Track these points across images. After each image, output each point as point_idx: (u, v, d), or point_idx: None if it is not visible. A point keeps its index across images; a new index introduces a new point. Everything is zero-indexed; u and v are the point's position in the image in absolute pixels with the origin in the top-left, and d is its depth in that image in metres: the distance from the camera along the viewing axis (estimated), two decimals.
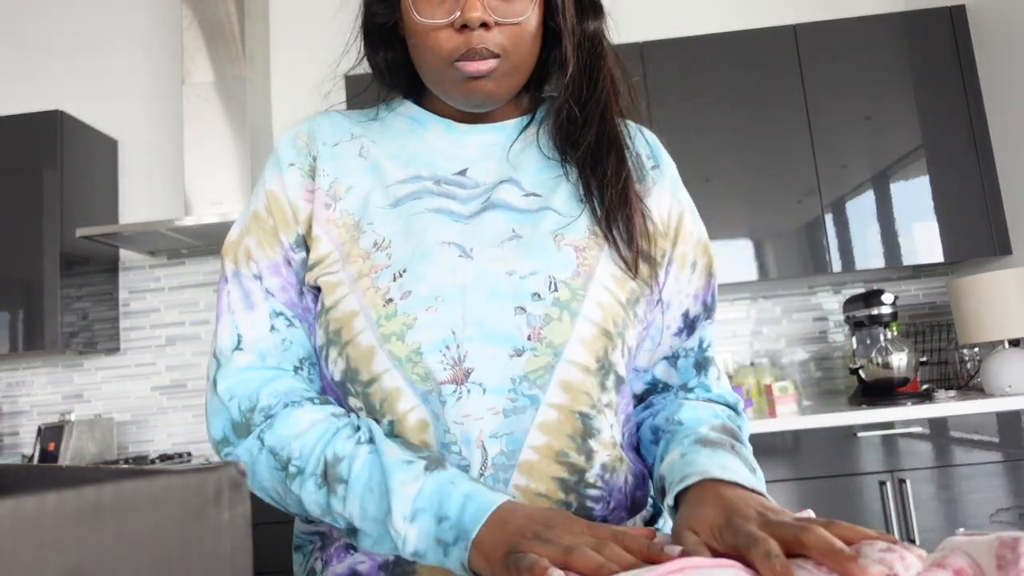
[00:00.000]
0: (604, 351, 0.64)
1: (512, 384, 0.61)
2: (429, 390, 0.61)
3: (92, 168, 2.81)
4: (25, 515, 0.21)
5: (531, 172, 0.70)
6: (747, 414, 2.30)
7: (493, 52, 0.64)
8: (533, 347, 0.61)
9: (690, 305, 0.73)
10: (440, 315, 0.61)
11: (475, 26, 0.62)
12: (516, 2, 0.65)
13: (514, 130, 0.73)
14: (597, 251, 0.66)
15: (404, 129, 0.73)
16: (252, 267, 0.68)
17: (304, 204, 0.69)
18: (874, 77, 2.54)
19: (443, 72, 0.66)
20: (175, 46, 2.94)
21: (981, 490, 2.06)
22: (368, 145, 0.71)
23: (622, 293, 0.66)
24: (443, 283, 0.63)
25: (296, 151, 0.71)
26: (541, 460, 0.61)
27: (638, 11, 2.93)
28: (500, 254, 0.64)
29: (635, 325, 0.68)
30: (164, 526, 0.24)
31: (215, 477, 0.26)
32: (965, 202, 2.47)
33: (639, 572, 0.41)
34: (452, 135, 0.72)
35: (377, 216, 0.67)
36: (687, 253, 0.73)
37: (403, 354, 0.61)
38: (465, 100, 0.68)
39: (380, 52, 0.73)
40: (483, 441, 0.60)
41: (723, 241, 2.54)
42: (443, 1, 0.64)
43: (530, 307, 0.62)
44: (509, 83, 0.68)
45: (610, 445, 0.64)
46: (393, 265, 0.64)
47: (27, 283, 2.56)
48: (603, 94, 0.70)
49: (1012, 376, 2.14)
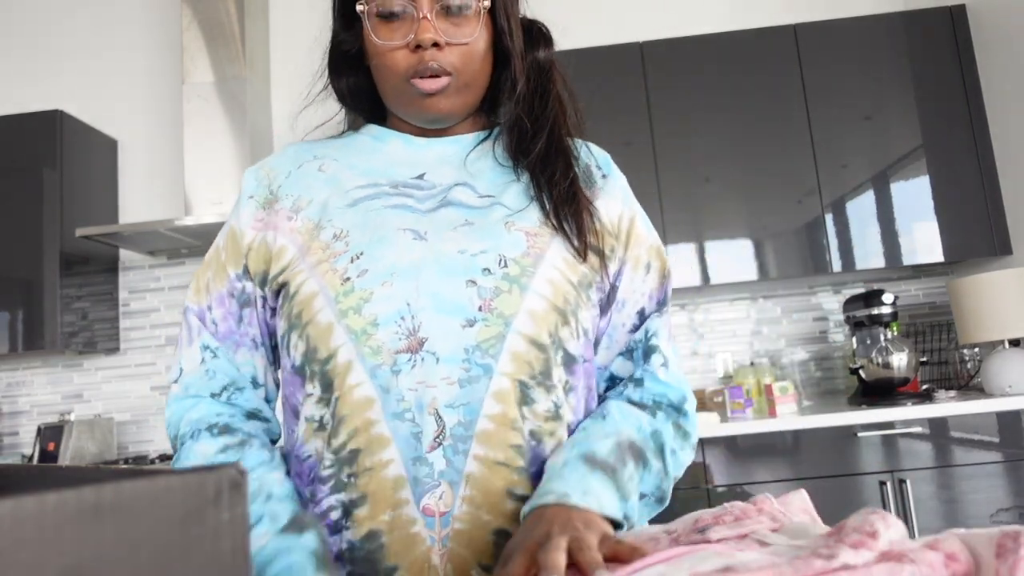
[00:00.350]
0: (555, 326, 0.68)
1: (465, 354, 0.64)
2: (379, 364, 0.64)
3: (92, 168, 2.81)
4: (25, 515, 0.21)
5: (486, 178, 0.75)
6: (747, 414, 2.30)
7: (445, 70, 0.70)
8: (484, 317, 0.65)
9: (645, 303, 0.77)
10: (395, 289, 0.66)
11: (427, 46, 0.69)
12: (465, 25, 0.71)
13: (471, 142, 0.79)
14: (548, 238, 0.71)
15: (365, 146, 0.79)
16: (204, 299, 0.77)
17: (250, 232, 0.75)
18: (874, 77, 2.54)
19: (401, 89, 0.72)
20: (175, 46, 2.94)
21: (981, 490, 2.06)
22: (329, 162, 0.77)
23: (573, 275, 0.70)
24: (398, 261, 0.67)
25: (257, 183, 0.78)
26: (497, 429, 0.64)
27: (638, 11, 2.93)
28: (453, 236, 0.69)
29: (588, 307, 0.72)
30: (164, 526, 0.24)
31: (215, 477, 0.26)
32: (965, 202, 2.47)
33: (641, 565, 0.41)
34: (411, 147, 0.77)
35: (336, 214, 0.72)
36: (640, 256, 0.77)
37: (359, 327, 0.65)
38: (422, 115, 0.74)
39: (344, 78, 0.80)
40: (437, 410, 0.63)
41: (723, 241, 2.54)
42: (399, 27, 0.71)
43: (480, 280, 0.66)
44: (462, 100, 0.74)
45: (543, 417, 0.66)
46: (351, 250, 0.69)
47: (27, 283, 2.56)
48: (552, 112, 0.76)
49: (1012, 376, 2.14)
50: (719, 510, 0.52)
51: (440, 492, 0.62)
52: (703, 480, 2.14)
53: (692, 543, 0.48)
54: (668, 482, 0.71)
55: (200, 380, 0.75)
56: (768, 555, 0.40)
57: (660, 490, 0.70)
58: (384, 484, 0.63)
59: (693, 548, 0.42)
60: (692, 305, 2.85)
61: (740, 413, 2.31)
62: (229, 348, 0.75)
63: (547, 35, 0.79)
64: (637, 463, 0.66)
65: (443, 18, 0.70)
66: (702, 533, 0.48)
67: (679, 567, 0.39)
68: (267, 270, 0.73)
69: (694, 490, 2.14)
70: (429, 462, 0.63)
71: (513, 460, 0.64)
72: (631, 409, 0.71)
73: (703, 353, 2.82)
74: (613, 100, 2.58)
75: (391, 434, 0.63)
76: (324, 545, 0.62)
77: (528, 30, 0.78)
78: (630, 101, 2.58)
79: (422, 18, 0.69)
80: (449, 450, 0.63)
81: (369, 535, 0.63)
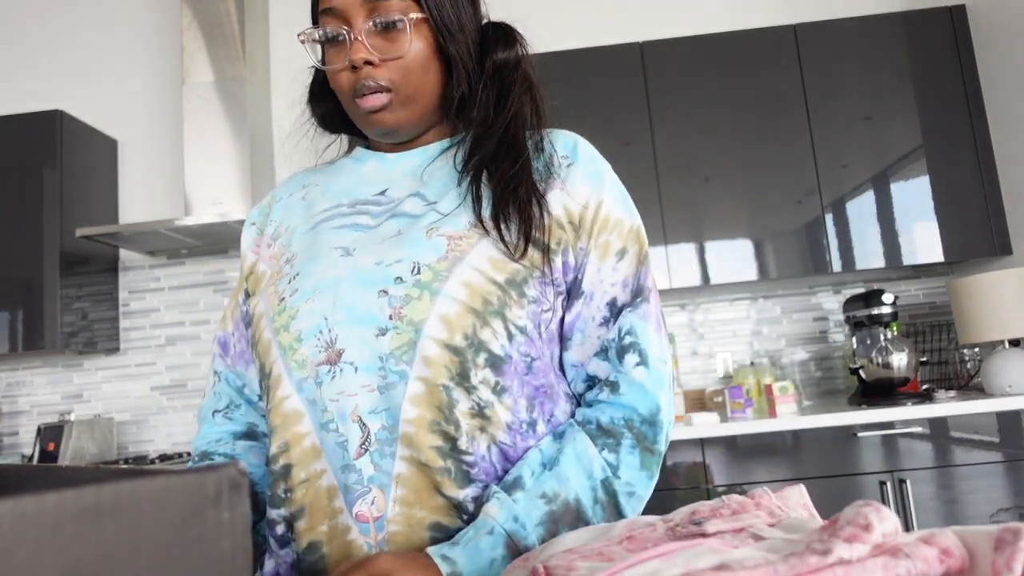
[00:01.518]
0: (472, 328, 0.66)
1: (380, 362, 0.66)
2: (305, 377, 0.67)
3: (92, 168, 2.81)
4: (25, 515, 0.21)
5: (438, 185, 0.76)
6: (747, 414, 2.30)
7: (383, 86, 0.72)
8: (395, 326, 0.66)
9: (617, 293, 0.73)
10: (316, 304, 0.69)
11: (360, 65, 0.71)
12: (398, 40, 0.72)
13: (435, 151, 0.79)
14: (475, 239, 0.70)
15: (346, 168, 0.83)
16: (229, 326, 0.85)
17: (251, 255, 0.83)
18: (874, 77, 2.54)
19: (351, 108, 0.76)
20: (175, 46, 2.94)
21: (981, 490, 2.06)
22: (312, 188, 0.82)
23: (500, 274, 0.68)
24: (323, 278, 0.71)
25: (259, 211, 0.85)
26: (417, 431, 0.65)
27: (638, 11, 2.93)
28: (376, 249, 0.71)
29: (521, 304, 0.69)
30: (164, 526, 0.24)
31: (215, 477, 0.26)
32: (965, 202, 2.47)
33: (640, 559, 0.41)
34: (383, 164, 0.80)
35: (296, 239, 0.77)
36: (610, 242, 0.73)
37: (287, 342, 0.69)
38: (372, 132, 0.76)
39: (321, 104, 0.84)
40: (360, 416, 0.65)
41: (723, 241, 2.54)
42: (341, 50, 0.73)
43: (392, 290, 0.68)
44: (408, 112, 0.75)
45: (469, 415, 0.66)
46: (292, 271, 0.74)
47: (27, 283, 2.56)
48: (510, 111, 0.76)
49: (1012, 376, 2.14)
50: (716, 503, 0.52)
51: (372, 497, 0.64)
52: (703, 480, 2.14)
53: (688, 535, 0.48)
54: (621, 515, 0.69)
55: (209, 403, 0.84)
56: (763, 551, 0.40)
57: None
58: (320, 495, 0.65)
59: (688, 543, 0.42)
60: (692, 305, 2.85)
61: (740, 413, 2.31)
62: (240, 368, 0.83)
63: (507, 35, 0.79)
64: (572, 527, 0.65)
65: (376, 35, 0.72)
66: (698, 525, 0.48)
67: (673, 563, 0.39)
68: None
69: (694, 490, 2.14)
70: (357, 468, 0.64)
71: (434, 460, 0.65)
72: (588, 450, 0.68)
73: (703, 353, 2.82)
74: (613, 100, 2.58)
75: (321, 445, 0.66)
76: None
77: (483, 33, 0.78)
78: (630, 101, 2.58)
79: (354, 39, 0.71)
80: (376, 455, 0.64)
81: (310, 547, 0.65)
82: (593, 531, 0.56)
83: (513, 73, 0.78)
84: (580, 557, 0.48)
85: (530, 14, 0.83)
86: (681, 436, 2.14)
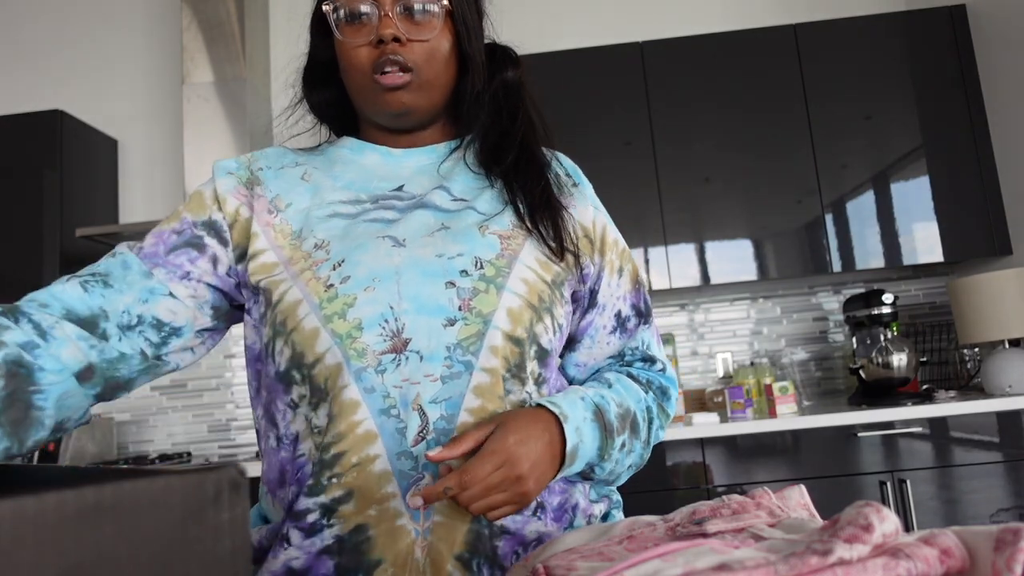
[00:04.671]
0: (530, 322, 0.71)
1: (447, 351, 0.67)
2: (364, 366, 0.66)
3: (92, 168, 2.81)
4: (25, 515, 0.21)
5: (460, 183, 0.79)
6: (747, 414, 2.30)
7: (406, 65, 0.74)
8: (464, 316, 0.68)
9: (621, 306, 0.82)
10: (378, 293, 0.68)
11: (389, 40, 0.73)
12: (426, 25, 0.75)
13: (444, 151, 0.82)
14: (521, 240, 0.74)
15: (344, 158, 0.81)
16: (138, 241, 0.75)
17: (232, 199, 0.76)
18: (874, 77, 2.54)
19: (365, 85, 0.75)
20: (175, 46, 2.94)
21: (981, 490, 2.06)
22: (311, 171, 0.80)
23: (547, 274, 0.74)
24: (379, 266, 0.69)
25: (237, 164, 0.79)
26: (477, 421, 0.67)
27: (638, 11, 2.93)
28: (430, 241, 0.72)
29: (563, 304, 0.76)
30: (164, 526, 0.24)
31: (215, 477, 0.26)
32: (965, 202, 2.47)
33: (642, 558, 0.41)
34: (388, 160, 0.80)
35: (317, 224, 0.74)
36: (614, 260, 0.82)
37: (344, 331, 0.67)
38: (385, 111, 0.77)
39: (317, 91, 0.84)
40: (421, 405, 0.66)
41: (723, 241, 2.54)
42: (363, 26, 0.75)
43: (459, 282, 0.69)
44: (425, 96, 0.76)
45: (518, 405, 0.71)
46: (332, 258, 0.71)
47: (27, 283, 2.56)
48: (521, 126, 0.81)
49: (1012, 376, 2.14)
50: (717, 502, 0.52)
51: (424, 484, 0.64)
52: (703, 480, 2.14)
53: (688, 535, 0.48)
54: (647, 452, 0.79)
55: (85, 269, 0.72)
56: (764, 551, 0.40)
57: (642, 459, 0.79)
58: (370, 479, 0.64)
59: (688, 543, 0.42)
60: (692, 305, 2.85)
61: (740, 413, 2.31)
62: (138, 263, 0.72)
63: (513, 57, 0.84)
64: (632, 434, 0.75)
65: (405, 19, 0.74)
66: (699, 525, 0.48)
67: (674, 562, 0.39)
68: (246, 247, 0.74)
69: (694, 490, 2.14)
70: (414, 456, 0.65)
71: None
72: (630, 382, 0.79)
73: (703, 353, 2.82)
74: (613, 100, 2.58)
75: (378, 430, 0.65)
76: None
77: (492, 52, 0.83)
78: (630, 101, 2.58)
79: (383, 15, 0.73)
80: (433, 443, 0.65)
81: (357, 528, 0.64)
82: (593, 531, 0.56)
83: (519, 92, 0.82)
84: (580, 557, 0.48)
85: (531, 14, 0.84)
86: (681, 436, 2.14)
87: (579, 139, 2.51)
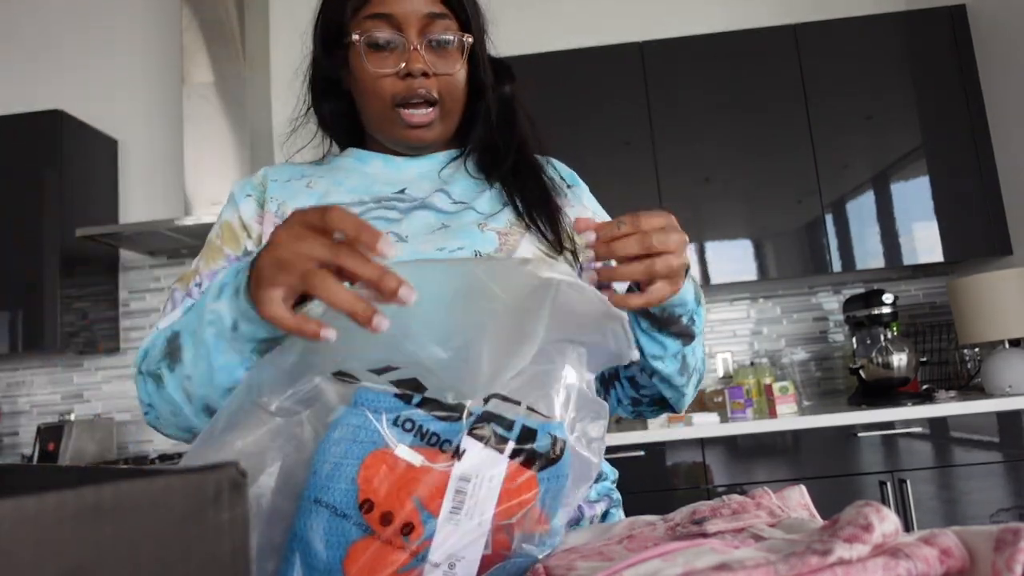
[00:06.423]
0: None
1: None
2: None
3: (92, 168, 2.81)
4: (25, 515, 0.21)
5: (459, 187, 0.82)
6: (747, 414, 2.30)
7: (432, 98, 0.77)
8: None
9: None
10: None
11: (417, 75, 0.75)
12: (449, 58, 0.77)
13: (444, 159, 0.85)
14: (519, 236, 0.77)
15: (348, 167, 0.84)
16: (196, 279, 0.77)
17: (256, 225, 0.80)
18: (874, 77, 2.54)
19: (386, 115, 0.78)
20: (175, 46, 2.94)
21: (981, 490, 2.06)
22: (316, 180, 0.82)
23: None
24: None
25: (252, 186, 0.82)
26: None
27: (638, 11, 2.93)
28: (431, 237, 0.75)
29: None
30: (164, 526, 0.24)
31: (215, 477, 0.26)
32: (965, 202, 2.47)
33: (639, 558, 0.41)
34: (390, 167, 0.83)
35: None
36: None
37: None
38: (405, 144, 0.81)
39: (325, 103, 0.85)
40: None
41: (723, 241, 2.54)
42: (389, 56, 0.76)
43: None
44: (444, 128, 0.80)
45: None
46: None
47: (27, 283, 2.55)
48: (517, 135, 0.84)
49: (1012, 376, 2.14)
50: (717, 502, 0.52)
51: None
52: (703, 480, 2.14)
53: (688, 535, 0.48)
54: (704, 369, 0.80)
55: None
56: (764, 551, 0.40)
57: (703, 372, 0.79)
58: None
59: (688, 543, 0.42)
60: None
61: (740, 413, 2.31)
62: None
63: (509, 72, 0.87)
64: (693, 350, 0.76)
65: (430, 50, 0.76)
66: (699, 525, 0.48)
67: (674, 562, 0.39)
68: None
69: (694, 490, 2.14)
70: None
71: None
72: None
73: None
74: (613, 100, 2.58)
75: None
76: None
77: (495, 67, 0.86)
78: (630, 101, 2.58)
79: (412, 49, 0.75)
80: None
81: None
82: (593, 531, 0.56)
83: (513, 104, 0.86)
84: (580, 557, 0.48)
85: (531, 14, 0.85)
86: (681, 436, 2.14)
87: (579, 139, 2.51)
